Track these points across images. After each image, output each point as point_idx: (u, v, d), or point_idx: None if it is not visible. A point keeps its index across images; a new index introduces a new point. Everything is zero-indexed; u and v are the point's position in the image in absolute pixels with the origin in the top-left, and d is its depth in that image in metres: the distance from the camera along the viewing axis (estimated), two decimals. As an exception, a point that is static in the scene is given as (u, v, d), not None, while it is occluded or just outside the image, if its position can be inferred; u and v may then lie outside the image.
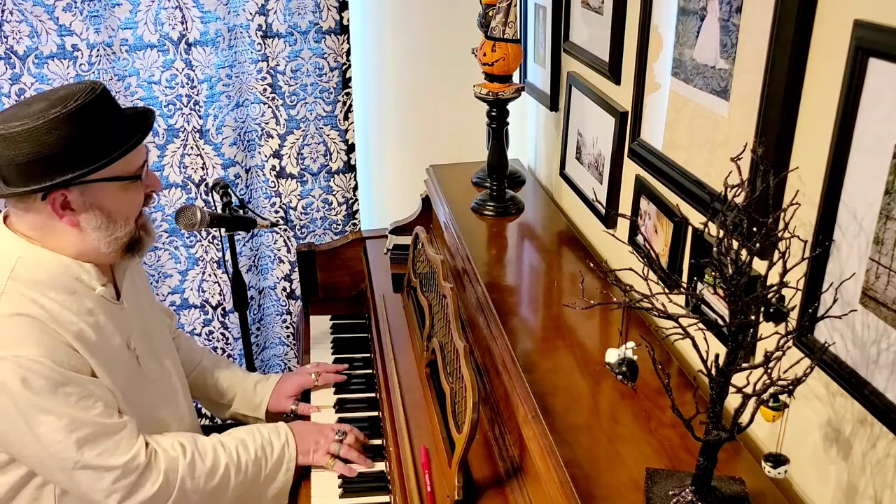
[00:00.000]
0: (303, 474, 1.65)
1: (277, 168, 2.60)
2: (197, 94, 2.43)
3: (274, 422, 1.82)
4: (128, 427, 1.43)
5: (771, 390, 0.94)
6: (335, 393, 1.89)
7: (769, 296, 0.94)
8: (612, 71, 1.70)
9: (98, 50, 2.31)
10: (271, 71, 2.48)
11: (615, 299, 1.38)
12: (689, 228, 1.40)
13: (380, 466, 1.65)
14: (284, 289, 2.77)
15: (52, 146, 1.31)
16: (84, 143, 1.34)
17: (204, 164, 2.52)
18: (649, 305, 1.00)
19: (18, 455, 1.40)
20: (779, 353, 0.93)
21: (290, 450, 1.61)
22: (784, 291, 0.95)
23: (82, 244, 1.42)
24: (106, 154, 1.37)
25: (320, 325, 2.20)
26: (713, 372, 0.98)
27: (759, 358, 0.96)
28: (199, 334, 2.74)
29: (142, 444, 1.43)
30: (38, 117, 1.31)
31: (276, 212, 2.66)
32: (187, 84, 2.42)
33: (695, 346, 0.97)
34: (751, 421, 0.97)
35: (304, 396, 1.89)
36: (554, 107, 2.15)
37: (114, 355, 1.46)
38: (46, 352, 1.33)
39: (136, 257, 1.53)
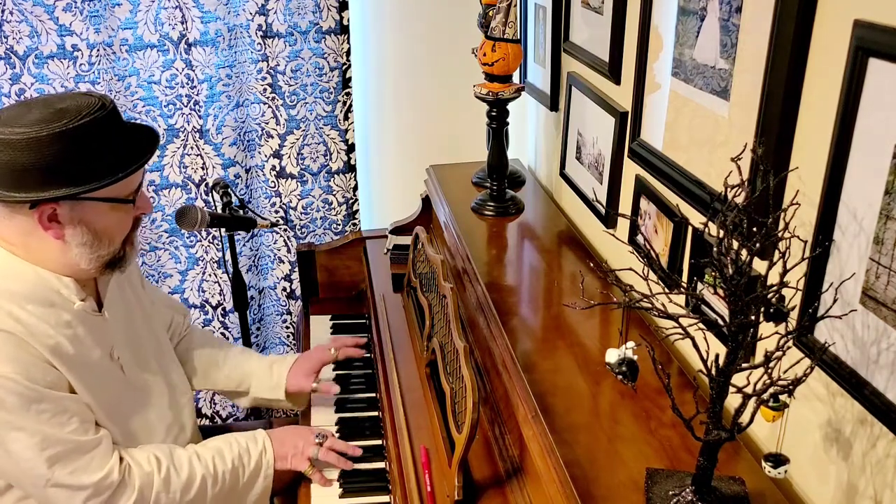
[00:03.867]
0: (303, 474, 1.65)
1: (277, 168, 2.60)
2: (197, 94, 2.43)
3: (301, 401, 1.82)
4: (102, 444, 1.42)
5: (771, 390, 0.94)
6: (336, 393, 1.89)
7: (769, 296, 0.94)
8: (612, 71, 1.70)
9: (98, 50, 2.31)
10: (271, 71, 2.48)
11: (615, 299, 1.38)
12: (689, 228, 1.40)
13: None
14: (284, 289, 2.77)
15: (51, 159, 1.29)
16: (84, 161, 1.32)
17: (204, 164, 2.52)
18: (649, 305, 1.00)
19: None
20: (779, 353, 0.93)
21: (267, 456, 1.61)
22: (784, 291, 0.95)
23: (63, 258, 1.39)
24: (105, 176, 1.34)
25: (320, 325, 2.20)
26: (713, 372, 0.98)
27: (759, 358, 0.96)
28: (199, 334, 2.73)
29: (115, 461, 1.42)
30: (41, 128, 1.28)
31: (276, 212, 2.66)
32: (187, 84, 2.42)
33: (695, 346, 0.97)
34: (751, 421, 0.97)
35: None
36: (554, 107, 2.15)
37: (94, 367, 1.44)
38: (21, 368, 1.31)
39: (117, 273, 1.50)
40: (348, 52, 2.52)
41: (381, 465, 1.66)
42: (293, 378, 1.80)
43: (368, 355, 2.03)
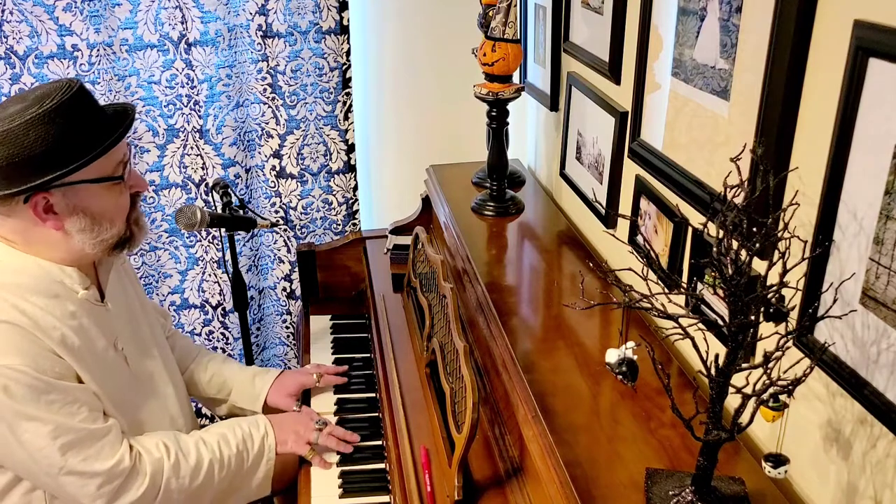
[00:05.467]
0: (302, 466, 1.66)
1: (277, 168, 2.60)
2: (197, 94, 2.43)
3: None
4: (112, 432, 1.43)
5: (771, 390, 0.94)
6: (335, 393, 1.89)
7: (769, 296, 0.94)
8: (612, 71, 1.70)
9: (98, 50, 2.31)
10: (271, 71, 2.48)
11: (615, 299, 1.38)
12: (689, 228, 1.40)
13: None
14: (284, 289, 2.77)
15: (29, 147, 1.29)
16: (62, 142, 1.32)
17: (204, 164, 2.52)
18: (649, 305, 1.00)
19: (4, 462, 1.40)
20: (779, 353, 0.93)
21: (269, 440, 1.62)
22: (784, 291, 0.95)
23: (66, 247, 1.40)
24: (85, 153, 1.34)
25: (320, 325, 2.20)
26: (713, 372, 0.98)
27: (759, 358, 0.96)
28: (199, 334, 2.74)
29: (126, 448, 1.43)
30: (13, 118, 1.29)
31: (276, 212, 2.66)
32: (187, 84, 2.42)
33: (695, 346, 0.97)
34: (751, 421, 0.97)
35: (305, 397, 1.89)
36: (554, 107, 2.15)
37: (99, 358, 1.45)
38: (29, 360, 1.32)
39: (126, 253, 1.52)
40: (348, 52, 2.52)
41: (381, 465, 1.66)
42: (274, 393, 1.83)
43: (368, 355, 2.04)
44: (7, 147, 1.29)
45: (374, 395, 1.88)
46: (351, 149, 2.65)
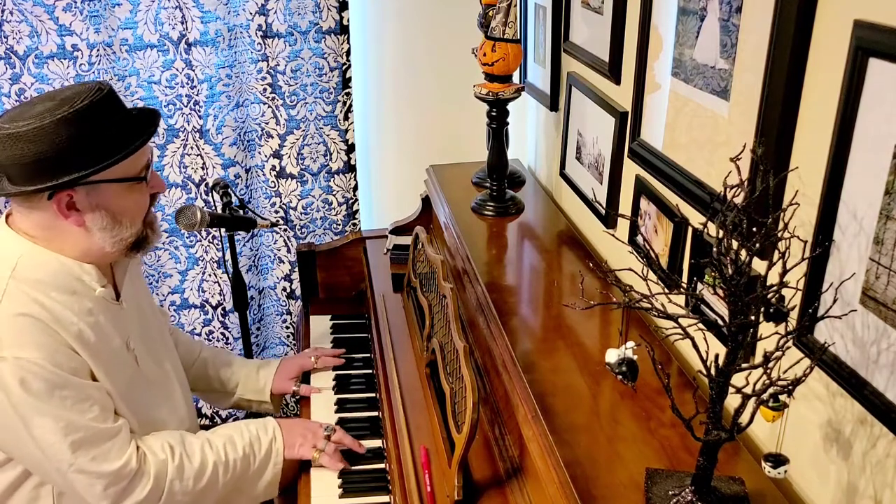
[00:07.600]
0: (303, 468, 1.65)
1: (277, 168, 2.60)
2: (197, 94, 2.43)
3: (278, 403, 1.89)
4: (121, 432, 1.44)
5: (771, 390, 0.94)
6: (336, 393, 1.89)
7: (769, 296, 0.94)
8: (612, 71, 1.70)
9: (98, 50, 2.31)
10: (271, 71, 2.48)
11: (615, 299, 1.38)
12: (689, 228, 1.40)
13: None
14: (284, 289, 2.78)
15: (58, 145, 1.32)
16: (91, 142, 1.35)
17: (204, 164, 2.52)
18: (649, 305, 1.00)
19: (15, 455, 1.41)
20: (779, 353, 0.93)
21: (277, 444, 1.63)
22: (784, 291, 0.95)
23: (86, 244, 1.42)
24: (112, 154, 1.37)
25: (320, 325, 2.20)
26: (713, 372, 0.98)
27: (759, 358, 0.96)
28: (199, 334, 2.74)
29: (133, 450, 1.44)
30: (44, 116, 1.31)
31: (276, 212, 2.66)
32: (187, 84, 2.42)
33: (695, 346, 0.97)
34: (751, 421, 0.97)
35: (305, 402, 1.90)
36: (554, 107, 2.15)
37: (113, 356, 1.46)
38: (47, 354, 1.33)
39: (140, 255, 1.54)
40: (348, 52, 2.52)
41: (381, 465, 1.66)
42: (278, 381, 1.89)
43: (368, 355, 2.04)
44: (36, 144, 1.31)
45: (374, 395, 1.88)
46: (351, 149, 2.65)
